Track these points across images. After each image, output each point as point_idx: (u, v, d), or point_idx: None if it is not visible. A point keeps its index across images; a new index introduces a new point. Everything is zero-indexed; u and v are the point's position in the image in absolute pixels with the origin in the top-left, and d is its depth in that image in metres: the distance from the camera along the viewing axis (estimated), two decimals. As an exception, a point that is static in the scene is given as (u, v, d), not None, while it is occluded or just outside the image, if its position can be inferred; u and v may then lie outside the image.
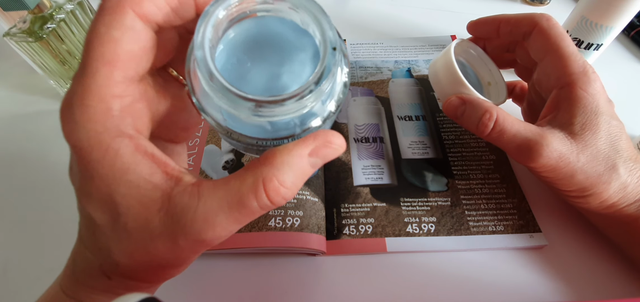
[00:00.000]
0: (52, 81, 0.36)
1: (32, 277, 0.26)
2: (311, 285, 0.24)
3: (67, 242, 0.28)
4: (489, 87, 0.30)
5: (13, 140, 0.36)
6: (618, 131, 0.21)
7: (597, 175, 0.21)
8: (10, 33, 0.32)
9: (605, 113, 0.21)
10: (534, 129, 0.22)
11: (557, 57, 0.23)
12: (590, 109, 0.21)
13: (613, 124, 0.21)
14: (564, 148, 0.21)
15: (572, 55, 0.22)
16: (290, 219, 0.25)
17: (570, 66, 0.22)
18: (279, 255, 0.26)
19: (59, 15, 0.33)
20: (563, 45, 0.23)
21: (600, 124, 0.21)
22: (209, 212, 0.13)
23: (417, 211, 0.27)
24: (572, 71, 0.22)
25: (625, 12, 0.29)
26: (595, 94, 0.21)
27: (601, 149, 0.21)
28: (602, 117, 0.21)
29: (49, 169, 0.33)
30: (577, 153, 0.21)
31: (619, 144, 0.21)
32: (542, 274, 0.24)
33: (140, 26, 0.13)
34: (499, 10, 0.49)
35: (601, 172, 0.21)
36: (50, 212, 0.30)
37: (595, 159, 0.21)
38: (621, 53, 0.41)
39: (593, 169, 0.21)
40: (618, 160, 0.21)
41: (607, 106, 0.22)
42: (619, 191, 0.21)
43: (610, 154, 0.21)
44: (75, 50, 0.35)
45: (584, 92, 0.21)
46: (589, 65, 0.22)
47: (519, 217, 0.26)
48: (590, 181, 0.21)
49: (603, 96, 0.22)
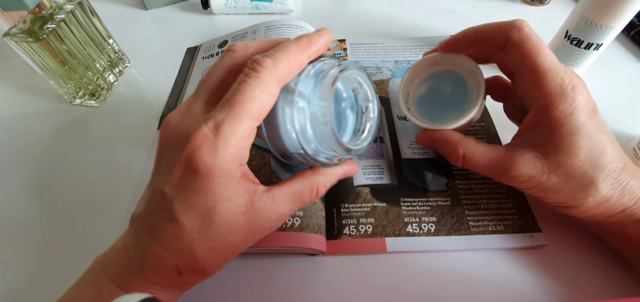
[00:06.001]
0: (52, 81, 0.36)
1: (32, 277, 0.26)
2: (311, 285, 0.24)
3: (67, 242, 0.28)
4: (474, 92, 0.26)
5: (13, 140, 0.36)
6: (601, 147, 0.20)
7: (571, 193, 0.20)
8: (10, 33, 0.32)
9: (585, 131, 0.20)
10: (503, 155, 0.22)
11: (533, 75, 0.21)
12: (567, 129, 0.20)
13: (594, 141, 0.20)
14: (534, 170, 0.21)
15: (548, 72, 0.20)
16: (290, 219, 0.25)
17: (546, 86, 0.20)
18: (279, 255, 0.26)
19: (59, 15, 0.33)
20: (538, 62, 0.20)
21: (577, 144, 0.20)
22: (280, 207, 0.19)
23: (417, 211, 0.27)
24: (549, 91, 0.20)
25: (625, 12, 0.29)
26: (573, 112, 0.20)
27: (577, 168, 0.20)
28: (580, 136, 0.20)
29: (49, 169, 0.33)
30: (548, 174, 0.20)
31: (601, 160, 0.20)
32: (542, 274, 0.24)
33: (278, 92, 0.18)
34: (499, 10, 0.49)
35: (576, 190, 0.20)
36: (51, 212, 0.30)
37: (568, 178, 0.20)
38: (621, 53, 0.41)
39: (567, 188, 0.20)
40: (598, 176, 0.20)
41: (589, 122, 0.20)
42: (598, 205, 0.20)
43: (589, 172, 0.20)
44: (75, 51, 0.35)
45: (560, 112, 0.20)
46: (570, 77, 0.20)
47: (519, 217, 0.26)
48: (564, 198, 0.21)
49: (584, 112, 0.20)
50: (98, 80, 0.38)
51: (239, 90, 0.16)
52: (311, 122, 0.18)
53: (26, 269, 0.26)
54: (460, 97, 0.26)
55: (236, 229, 0.18)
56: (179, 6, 0.53)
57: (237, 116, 0.16)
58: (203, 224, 0.17)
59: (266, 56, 0.17)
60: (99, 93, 0.38)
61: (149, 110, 0.37)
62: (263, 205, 0.18)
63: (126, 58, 0.43)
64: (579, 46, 0.32)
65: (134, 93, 0.40)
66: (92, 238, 0.28)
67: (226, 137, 0.16)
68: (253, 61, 0.17)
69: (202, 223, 0.17)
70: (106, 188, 0.31)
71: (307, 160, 0.20)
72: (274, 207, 0.19)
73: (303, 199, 0.20)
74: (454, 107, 0.26)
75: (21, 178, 0.32)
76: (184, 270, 0.17)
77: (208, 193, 0.16)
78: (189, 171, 0.16)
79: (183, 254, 0.17)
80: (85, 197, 0.31)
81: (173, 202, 0.17)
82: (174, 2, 0.54)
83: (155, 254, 0.17)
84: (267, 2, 0.48)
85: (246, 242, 0.19)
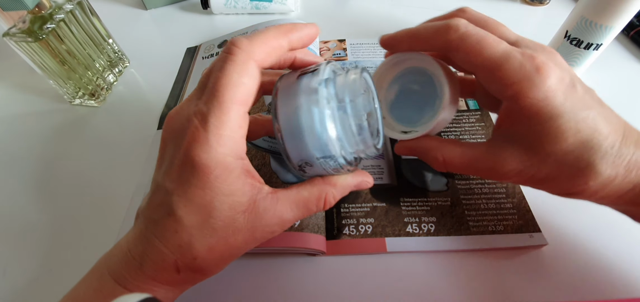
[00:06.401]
0: (51, 81, 0.36)
1: (32, 277, 0.26)
2: (311, 285, 0.24)
3: (67, 242, 0.28)
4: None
5: (13, 140, 0.36)
6: (591, 123, 0.18)
7: (569, 181, 0.18)
8: (9, 33, 0.32)
9: (569, 110, 0.17)
10: (485, 153, 0.20)
11: (488, 71, 0.18)
12: (544, 115, 0.18)
13: (581, 119, 0.17)
14: (520, 164, 0.19)
15: (504, 62, 0.18)
16: (290, 219, 0.25)
17: (505, 78, 0.18)
18: (279, 255, 0.26)
19: (59, 15, 0.33)
20: (488, 56, 0.18)
21: (561, 128, 0.17)
22: (283, 211, 0.18)
23: (417, 211, 0.27)
24: (511, 81, 0.18)
25: (625, 12, 0.29)
26: (546, 96, 0.17)
27: (567, 153, 0.18)
28: (562, 119, 0.17)
29: (49, 168, 0.33)
30: (538, 165, 0.19)
31: (594, 138, 0.17)
32: (542, 274, 0.24)
33: (257, 73, 0.17)
34: (499, 10, 0.49)
35: (572, 176, 0.18)
36: (50, 212, 0.30)
37: (561, 165, 0.18)
38: (621, 53, 0.41)
39: (562, 175, 0.18)
40: (595, 157, 0.17)
41: (569, 100, 0.18)
42: (603, 188, 0.18)
43: (583, 155, 0.18)
44: (75, 50, 0.35)
45: (531, 100, 0.18)
46: (530, 58, 0.18)
47: (518, 217, 0.26)
48: (564, 187, 0.19)
49: (559, 92, 0.18)
50: (98, 80, 0.38)
51: (218, 78, 0.16)
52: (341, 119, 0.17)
53: (26, 269, 0.26)
54: (431, 93, 0.23)
55: (236, 228, 0.17)
56: (178, 6, 0.53)
57: (221, 106, 0.16)
58: (202, 220, 0.16)
59: (242, 37, 0.17)
60: (99, 93, 0.38)
61: (149, 110, 0.37)
62: (266, 207, 0.18)
63: (126, 58, 0.43)
64: (578, 46, 0.32)
65: (134, 93, 0.40)
66: (91, 238, 0.28)
67: (216, 128, 0.16)
68: (229, 43, 0.17)
69: (201, 219, 0.16)
70: (106, 188, 0.31)
71: (328, 165, 0.18)
72: (277, 211, 0.18)
73: (309, 207, 0.19)
74: (426, 106, 0.24)
75: (21, 178, 0.32)
76: (182, 267, 0.17)
77: (205, 187, 0.16)
78: (187, 165, 0.16)
79: (181, 250, 0.17)
80: (85, 197, 0.31)
81: (172, 197, 0.16)
82: (173, 2, 0.54)
83: (154, 250, 0.17)
84: (266, 2, 0.48)
85: (246, 244, 0.18)
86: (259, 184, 0.18)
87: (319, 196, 0.19)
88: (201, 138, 0.16)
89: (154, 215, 0.18)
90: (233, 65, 0.16)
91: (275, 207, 0.18)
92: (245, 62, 0.16)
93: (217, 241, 0.17)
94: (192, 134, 0.16)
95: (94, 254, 0.20)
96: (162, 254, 0.17)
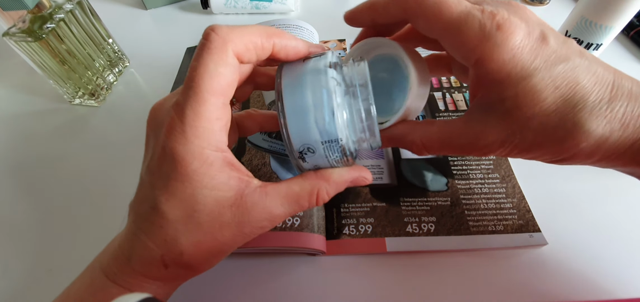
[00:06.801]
0: (51, 81, 0.36)
1: (32, 277, 0.26)
2: (311, 285, 0.24)
3: (67, 242, 0.28)
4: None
5: (13, 140, 0.36)
6: (570, 76, 0.16)
7: (558, 145, 0.16)
8: (9, 33, 0.32)
9: (542, 67, 0.16)
10: (462, 127, 0.18)
11: (449, 36, 0.17)
12: (514, 77, 0.16)
13: (556, 74, 0.16)
14: (502, 133, 0.17)
15: (462, 23, 0.16)
16: (290, 219, 0.25)
17: (468, 41, 0.16)
18: (279, 255, 0.26)
19: (58, 15, 0.33)
20: (445, 17, 0.16)
21: (536, 86, 0.16)
22: (272, 206, 0.17)
23: (417, 211, 0.27)
24: (474, 44, 0.16)
25: (625, 12, 0.29)
26: (513, 56, 0.16)
27: (550, 113, 0.16)
28: (537, 76, 0.16)
29: (49, 168, 0.33)
30: (521, 132, 0.17)
31: (577, 92, 0.16)
32: (542, 274, 0.24)
33: (235, 63, 0.16)
34: (499, 10, 0.49)
35: (561, 139, 0.16)
36: (50, 212, 0.30)
37: (546, 128, 0.16)
38: (621, 53, 0.41)
39: (548, 140, 0.16)
40: (581, 114, 0.16)
41: (542, 55, 0.16)
42: (597, 148, 0.16)
43: (567, 113, 0.16)
44: (75, 50, 0.35)
45: (496, 63, 0.16)
46: (490, 16, 0.16)
47: (518, 217, 0.26)
48: (554, 152, 0.17)
49: (528, 47, 0.16)
50: (97, 79, 0.38)
51: (193, 67, 0.15)
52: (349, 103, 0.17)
53: (26, 269, 0.26)
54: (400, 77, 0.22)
55: (223, 223, 0.17)
56: (178, 6, 0.53)
57: (197, 96, 0.15)
58: (186, 215, 0.16)
59: (222, 25, 0.16)
60: (99, 93, 0.38)
61: (148, 110, 0.37)
62: (254, 201, 0.17)
63: (126, 58, 0.43)
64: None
65: (134, 93, 0.40)
66: (91, 238, 0.28)
67: (192, 120, 0.15)
68: (207, 28, 0.16)
69: (185, 214, 0.16)
70: (106, 188, 0.31)
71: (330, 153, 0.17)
72: (266, 206, 0.17)
73: (301, 202, 0.18)
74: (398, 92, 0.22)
75: (21, 178, 0.32)
76: (169, 262, 0.17)
77: (185, 180, 0.16)
78: (166, 158, 0.16)
79: (167, 245, 0.17)
80: (84, 196, 0.30)
81: (155, 191, 0.16)
82: (173, 2, 0.54)
83: (141, 245, 0.17)
84: (266, 2, 0.48)
85: (235, 240, 0.17)
86: (247, 178, 0.17)
87: (311, 191, 0.18)
88: (177, 130, 0.15)
89: (139, 209, 0.17)
90: (209, 54, 0.15)
91: (264, 201, 0.17)
92: (222, 50, 0.15)
93: (203, 236, 0.16)
94: (169, 126, 0.15)
95: (93, 254, 0.20)
96: (148, 249, 0.17)
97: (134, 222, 0.18)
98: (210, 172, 0.16)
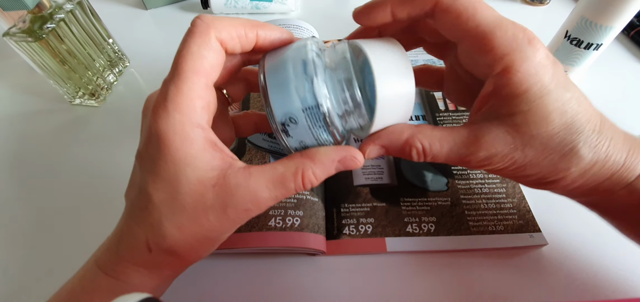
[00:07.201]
0: (52, 81, 0.36)
1: (32, 277, 0.26)
2: (311, 285, 0.24)
3: (67, 242, 0.28)
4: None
5: (13, 140, 0.36)
6: (574, 104, 0.17)
7: (552, 165, 0.17)
8: (10, 33, 0.32)
9: (554, 89, 0.16)
10: (467, 136, 0.18)
11: (478, 39, 0.17)
12: (534, 92, 0.16)
13: (566, 99, 0.17)
14: (505, 147, 0.17)
15: (496, 29, 0.16)
16: (290, 219, 0.25)
17: (498, 47, 0.16)
18: (279, 255, 0.26)
19: (59, 15, 0.33)
20: (479, 20, 0.16)
21: (548, 107, 0.16)
22: (257, 188, 0.16)
23: (417, 211, 0.27)
24: (503, 52, 0.16)
25: (625, 12, 0.29)
26: (538, 71, 0.16)
27: (553, 135, 0.17)
28: (551, 97, 0.16)
29: (49, 168, 0.33)
30: (523, 148, 0.17)
31: (577, 120, 0.17)
32: (542, 274, 0.24)
33: (218, 47, 0.17)
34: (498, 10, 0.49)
35: (556, 161, 0.17)
36: (50, 212, 0.30)
37: (546, 148, 0.17)
38: (621, 53, 0.41)
39: (546, 159, 0.17)
40: (578, 140, 0.17)
41: (556, 78, 0.17)
42: (583, 174, 0.17)
43: (567, 137, 0.17)
44: (75, 50, 0.35)
45: (522, 74, 0.16)
46: (522, 29, 0.16)
47: (518, 217, 0.26)
48: (544, 172, 0.18)
49: (549, 68, 0.16)
50: (98, 80, 0.38)
51: (178, 50, 0.16)
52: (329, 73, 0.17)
53: (26, 269, 0.26)
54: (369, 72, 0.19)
55: (206, 206, 0.16)
56: (178, 6, 0.53)
57: (179, 75, 0.16)
58: (170, 197, 0.16)
59: (207, 15, 0.17)
60: (99, 93, 0.38)
61: (149, 110, 0.37)
62: (237, 182, 0.16)
63: (126, 58, 0.43)
64: (579, 46, 0.32)
65: (134, 93, 0.40)
66: (91, 238, 0.28)
67: (173, 95, 0.16)
68: (194, 19, 0.17)
69: (169, 196, 0.16)
70: (106, 188, 0.31)
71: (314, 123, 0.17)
72: (250, 187, 0.16)
73: (286, 184, 0.17)
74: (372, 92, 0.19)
75: (21, 178, 0.32)
76: (153, 246, 0.17)
77: (167, 160, 0.16)
78: (151, 138, 0.16)
79: (152, 229, 0.17)
80: (84, 197, 0.30)
81: (143, 173, 0.17)
82: (173, 2, 0.54)
83: (129, 230, 0.17)
84: (267, 2, 0.48)
85: (221, 226, 0.17)
86: (230, 159, 0.17)
87: (295, 170, 0.17)
88: (161, 107, 0.16)
89: (130, 194, 0.18)
90: (193, 37, 0.16)
91: (248, 182, 0.16)
92: (206, 34, 0.16)
93: (187, 219, 0.16)
94: (155, 105, 0.16)
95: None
96: (134, 233, 0.17)
97: (125, 209, 0.18)
98: (192, 150, 0.16)
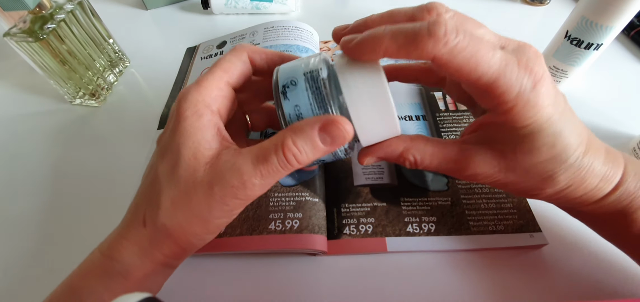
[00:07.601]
0: (52, 81, 0.36)
1: (32, 277, 0.26)
2: (311, 285, 0.24)
3: (67, 242, 0.28)
4: None
5: (13, 140, 0.36)
6: (565, 137, 0.17)
7: (528, 187, 0.19)
8: (10, 33, 0.32)
9: (549, 126, 0.17)
10: (457, 154, 0.20)
11: (480, 90, 0.16)
12: (528, 129, 0.17)
13: (557, 132, 0.17)
14: (490, 169, 0.19)
15: (500, 78, 0.15)
16: (289, 222, 0.25)
17: (501, 95, 0.16)
18: (279, 255, 0.26)
19: (59, 15, 0.33)
20: (482, 73, 0.15)
21: (539, 142, 0.17)
22: (242, 163, 0.17)
23: (417, 211, 0.27)
24: (507, 99, 0.16)
25: (625, 12, 0.29)
26: (535, 113, 0.16)
27: (536, 164, 0.18)
28: (544, 133, 0.17)
29: (49, 169, 0.33)
30: (505, 172, 0.19)
31: (564, 151, 0.17)
32: (542, 274, 0.24)
33: (246, 59, 0.21)
34: (499, 10, 0.49)
35: (534, 184, 0.19)
36: (51, 212, 0.30)
37: (527, 174, 0.18)
38: (621, 53, 0.41)
39: (524, 183, 0.19)
40: (558, 169, 0.18)
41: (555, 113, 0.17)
42: (556, 193, 0.19)
43: (548, 166, 0.18)
44: (76, 51, 0.35)
45: (521, 118, 0.17)
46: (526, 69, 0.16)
47: (519, 216, 0.26)
48: (522, 190, 0.20)
49: (548, 107, 0.16)
50: (98, 80, 0.38)
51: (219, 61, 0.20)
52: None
53: (26, 269, 0.26)
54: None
55: (196, 181, 0.17)
56: (179, 6, 0.53)
57: (212, 71, 0.19)
58: (170, 168, 0.17)
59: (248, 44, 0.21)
60: (99, 93, 0.38)
61: (149, 110, 0.37)
62: (226, 159, 0.17)
63: (126, 58, 0.43)
64: (579, 46, 0.32)
65: (134, 93, 0.40)
66: (91, 238, 0.28)
67: (199, 81, 0.19)
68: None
69: (170, 166, 0.17)
70: (106, 188, 0.31)
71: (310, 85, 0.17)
72: (236, 164, 0.17)
73: (268, 158, 0.16)
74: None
75: (21, 178, 0.32)
76: (147, 220, 0.18)
77: (177, 129, 0.17)
78: (172, 116, 0.18)
79: (150, 202, 0.18)
80: (85, 197, 0.31)
81: (156, 151, 0.19)
82: (174, 2, 0.54)
83: (133, 205, 0.19)
84: (267, 2, 0.48)
85: (207, 203, 0.17)
86: (229, 144, 0.18)
87: (276, 142, 0.16)
88: (187, 89, 0.18)
89: (144, 175, 0.20)
90: (231, 52, 0.21)
91: (235, 159, 0.17)
92: (240, 49, 0.21)
93: (178, 193, 0.17)
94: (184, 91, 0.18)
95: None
96: (135, 209, 0.18)
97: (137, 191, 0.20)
98: (197, 123, 0.17)
